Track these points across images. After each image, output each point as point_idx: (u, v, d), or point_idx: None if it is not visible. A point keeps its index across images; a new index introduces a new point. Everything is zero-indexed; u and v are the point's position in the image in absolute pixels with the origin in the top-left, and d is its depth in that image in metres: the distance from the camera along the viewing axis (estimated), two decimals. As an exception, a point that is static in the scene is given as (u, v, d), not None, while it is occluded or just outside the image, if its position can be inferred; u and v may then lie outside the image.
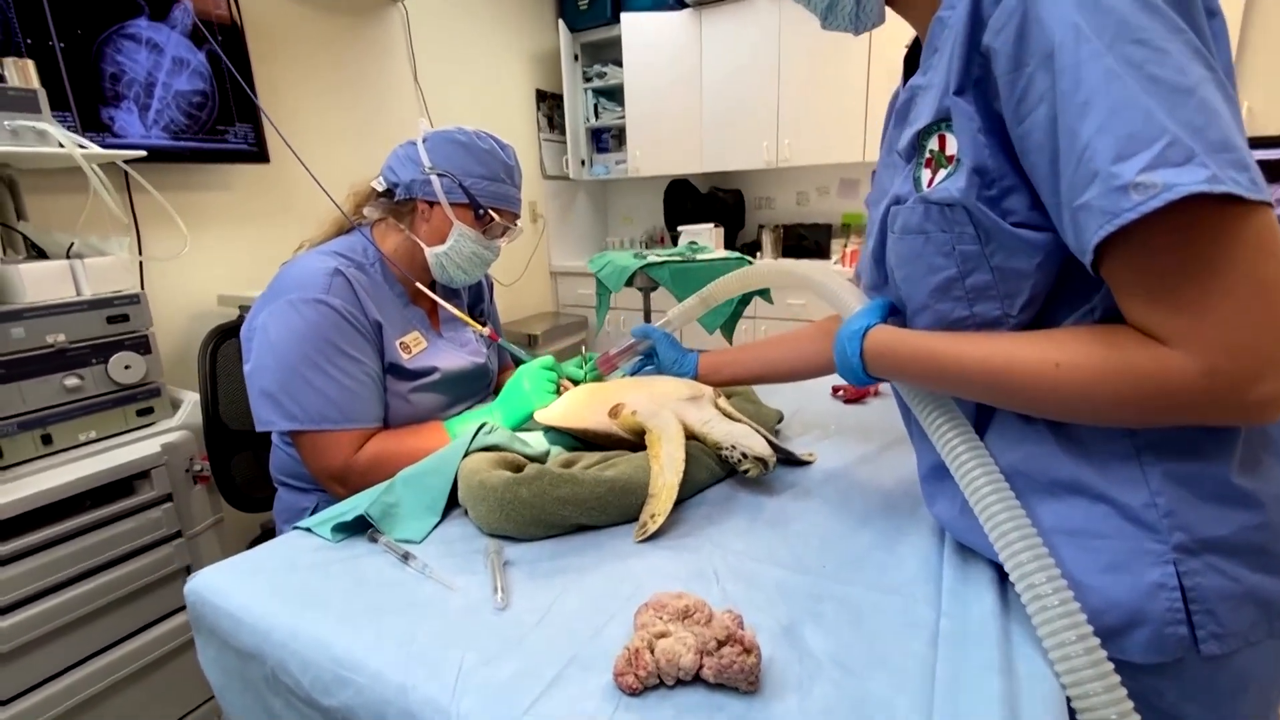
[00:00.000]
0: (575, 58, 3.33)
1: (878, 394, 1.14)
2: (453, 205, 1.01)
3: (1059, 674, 0.46)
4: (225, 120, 1.85)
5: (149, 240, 1.73)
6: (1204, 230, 0.39)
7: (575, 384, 1.02)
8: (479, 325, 1.11)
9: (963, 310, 0.54)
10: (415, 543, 0.69)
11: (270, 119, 1.31)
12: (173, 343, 1.81)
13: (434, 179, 0.99)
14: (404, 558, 0.65)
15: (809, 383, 1.17)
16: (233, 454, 1.26)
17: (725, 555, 0.65)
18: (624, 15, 3.08)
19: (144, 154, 1.38)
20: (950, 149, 0.52)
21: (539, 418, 0.91)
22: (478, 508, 0.69)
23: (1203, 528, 0.47)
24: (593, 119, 3.45)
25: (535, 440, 0.88)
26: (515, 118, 3.22)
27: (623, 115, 3.28)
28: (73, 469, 1.15)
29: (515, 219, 1.08)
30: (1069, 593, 0.46)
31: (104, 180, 1.25)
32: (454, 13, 2.78)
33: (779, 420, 0.98)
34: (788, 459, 0.85)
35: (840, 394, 1.14)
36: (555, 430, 0.90)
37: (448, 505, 0.75)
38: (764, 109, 2.91)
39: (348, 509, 0.73)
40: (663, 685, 0.47)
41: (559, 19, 3.25)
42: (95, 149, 1.28)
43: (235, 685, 0.62)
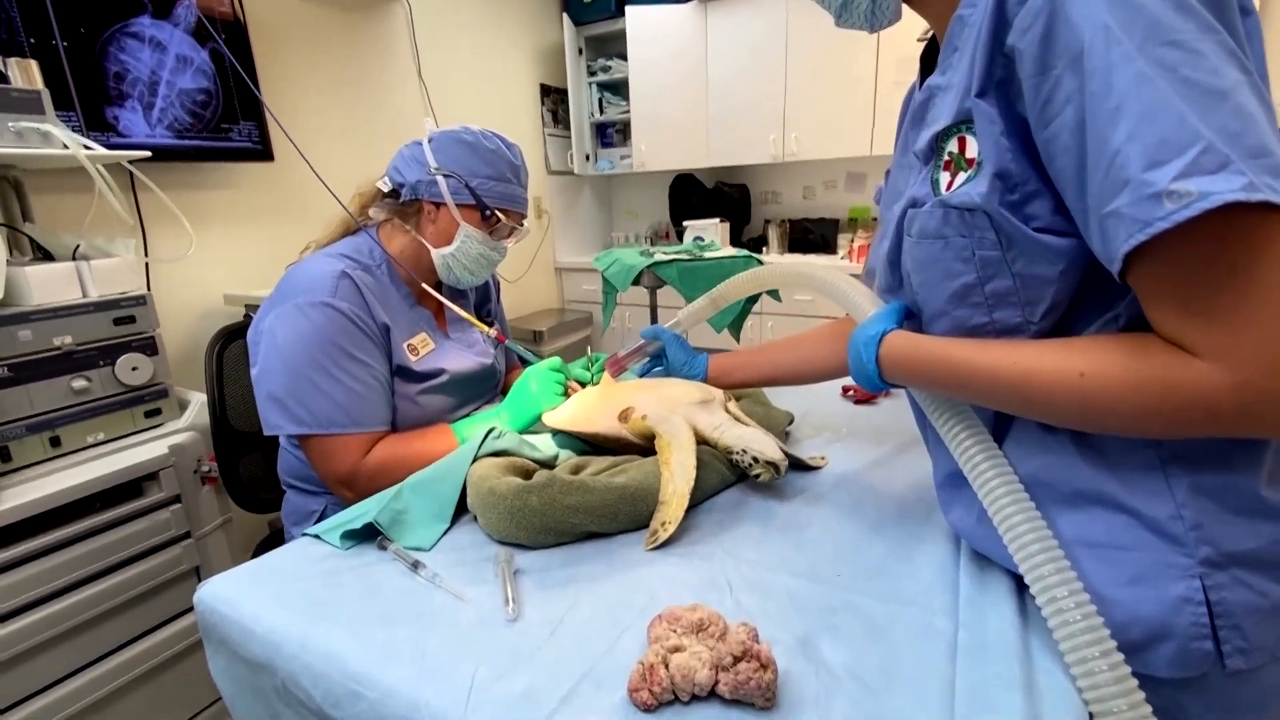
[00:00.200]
0: (580, 52, 3.30)
1: (889, 394, 1.13)
2: (459, 206, 1.00)
3: (1081, 690, 0.45)
4: (229, 118, 1.84)
5: (155, 240, 1.73)
6: (1239, 240, 0.38)
7: (583, 385, 1.01)
8: (485, 326, 1.10)
9: (982, 317, 0.53)
10: (425, 550, 0.69)
11: (275, 116, 1.30)
12: (179, 342, 1.81)
13: (440, 180, 0.98)
14: (413, 566, 0.65)
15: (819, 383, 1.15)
16: (240, 455, 1.26)
17: (738, 564, 0.64)
18: (629, 8, 3.05)
19: (149, 154, 1.37)
20: (970, 152, 0.50)
21: (547, 420, 0.91)
22: (487, 515, 0.68)
23: (1230, 541, 0.46)
24: (597, 113, 3.43)
25: (544, 444, 0.88)
26: (519, 113, 3.20)
27: (627, 110, 3.26)
28: (81, 471, 1.15)
29: (522, 219, 1.07)
30: (1092, 607, 0.45)
31: (109, 181, 1.24)
32: (457, 7, 2.76)
33: (789, 422, 0.97)
34: (798, 464, 0.84)
35: (851, 394, 1.13)
36: (564, 434, 0.89)
37: (457, 510, 0.75)
38: (770, 102, 2.88)
39: (356, 516, 0.72)
40: (677, 701, 0.47)
41: (563, 13, 3.23)
42: (99, 150, 1.27)
43: (246, 695, 0.61)
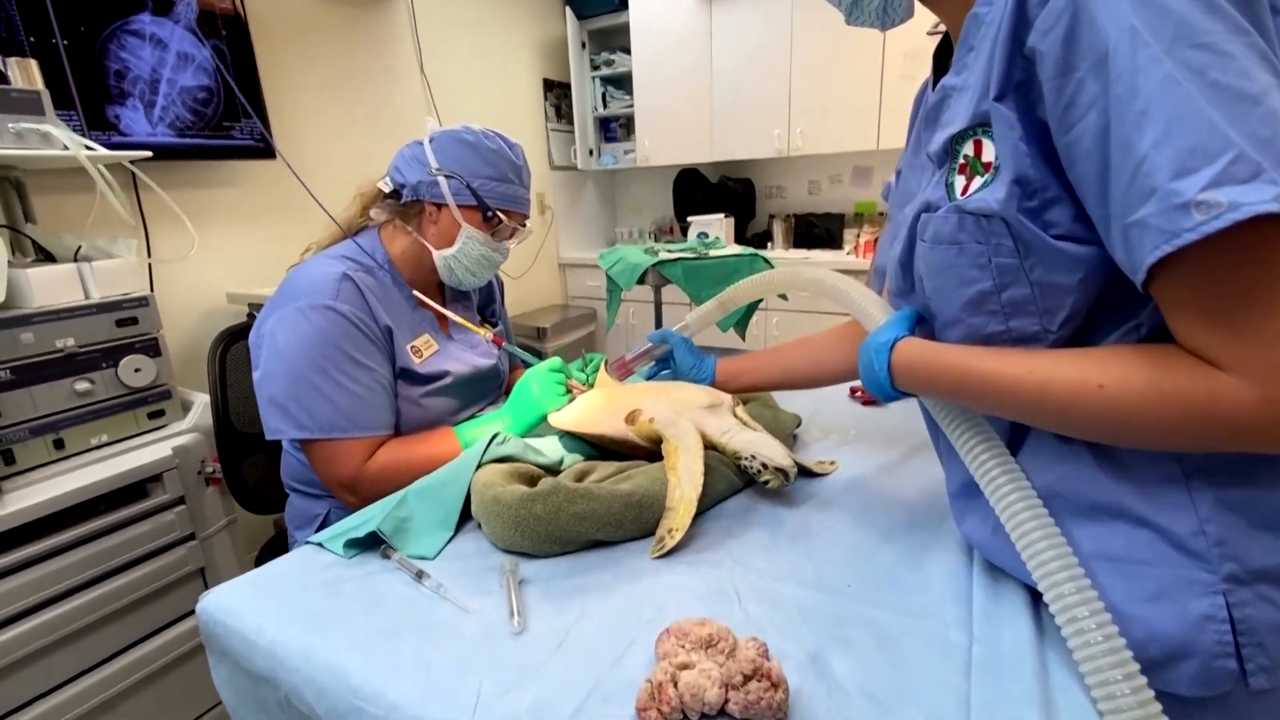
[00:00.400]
0: (583, 45, 3.27)
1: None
2: (460, 207, 0.99)
3: (1102, 713, 0.44)
4: (231, 116, 1.83)
5: (158, 238, 1.72)
6: (1270, 251, 0.36)
7: (583, 385, 1.00)
8: (483, 330, 1.09)
9: (998, 325, 0.51)
10: (428, 559, 0.68)
11: (268, 130, 1.29)
12: (183, 341, 1.81)
13: (441, 180, 0.97)
14: (417, 576, 0.64)
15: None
16: (244, 456, 1.26)
17: (746, 574, 0.63)
18: (632, 1, 3.02)
19: (149, 154, 1.36)
20: (987, 155, 0.49)
21: (553, 421, 0.90)
22: (492, 524, 0.67)
23: (1256, 557, 0.45)
24: (601, 108, 3.41)
25: (549, 447, 0.87)
26: (522, 108, 3.18)
27: (631, 104, 3.23)
28: (85, 473, 1.15)
29: (524, 220, 1.06)
30: (1114, 628, 0.44)
31: (110, 181, 1.23)
32: (459, 2, 2.74)
33: (797, 425, 0.96)
34: (807, 472, 0.83)
35: (858, 396, 1.11)
36: (570, 436, 0.88)
37: (462, 517, 0.74)
38: (775, 96, 2.85)
39: (360, 523, 0.71)
40: (686, 720, 0.46)
41: (566, 6, 3.20)
42: (100, 150, 1.26)
43: (249, 706, 0.61)
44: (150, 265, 1.70)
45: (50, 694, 1.09)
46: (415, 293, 1.03)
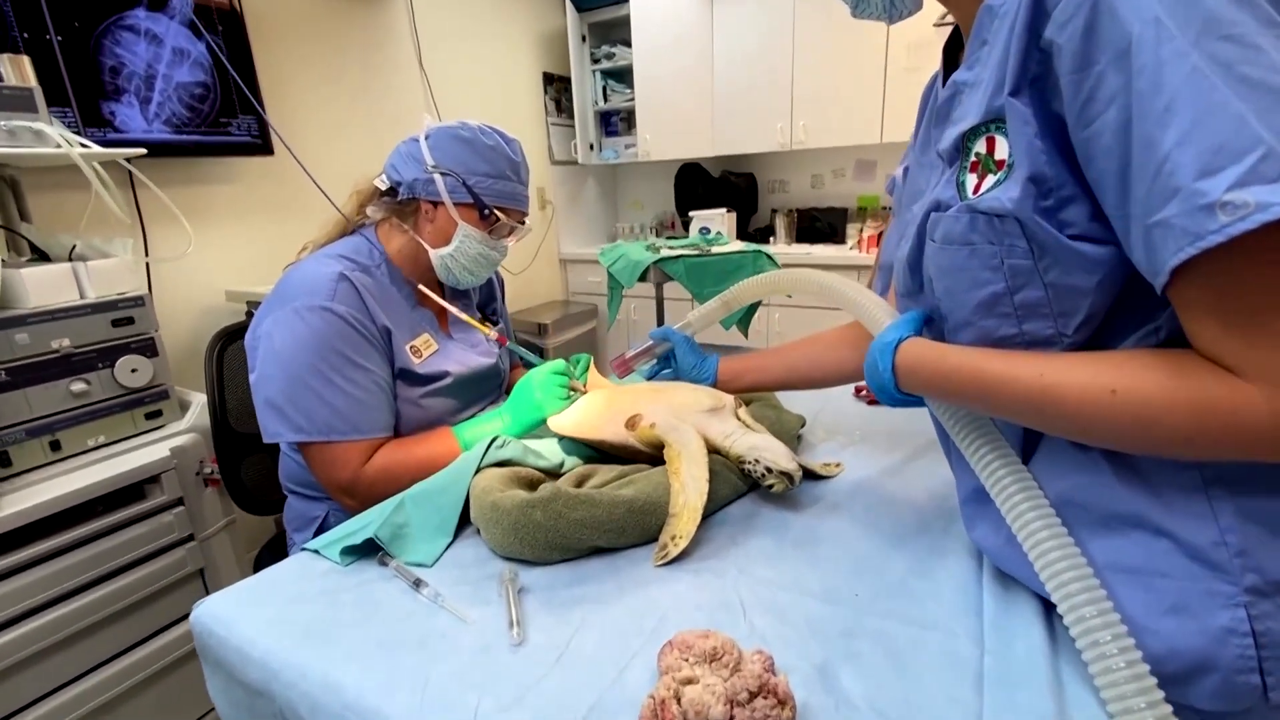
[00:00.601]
0: (583, 38, 3.24)
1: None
2: (457, 205, 0.97)
3: (1121, 730, 0.42)
4: (228, 112, 1.81)
5: (155, 236, 1.71)
6: None
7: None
8: (486, 328, 1.07)
9: (1010, 328, 0.50)
10: (426, 566, 0.67)
11: (263, 118, 1.27)
12: (182, 339, 1.79)
13: (437, 178, 0.95)
14: (415, 584, 0.63)
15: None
16: (242, 457, 1.25)
17: (751, 582, 0.61)
18: (632, -7, 2.99)
19: (144, 151, 1.35)
20: (1000, 153, 0.47)
21: (552, 425, 0.88)
22: (491, 531, 0.66)
23: (1278, 568, 0.43)
24: (601, 102, 3.38)
25: (549, 450, 0.86)
26: (522, 102, 3.16)
27: (632, 97, 3.20)
28: (83, 475, 1.14)
29: (523, 218, 1.04)
30: (1136, 652, 0.42)
31: (105, 179, 1.22)
32: (458, -6, 2.71)
33: (801, 426, 0.94)
34: (812, 475, 0.82)
35: (863, 395, 1.10)
36: (569, 439, 0.87)
37: (461, 522, 0.73)
38: (778, 89, 2.82)
39: (357, 529, 0.70)
40: (690, 737, 0.45)
41: (566, -2, 3.17)
42: (95, 148, 1.25)
43: (244, 718, 0.60)
44: (148, 264, 1.68)
45: (49, 697, 1.08)
46: (421, 286, 1.01)
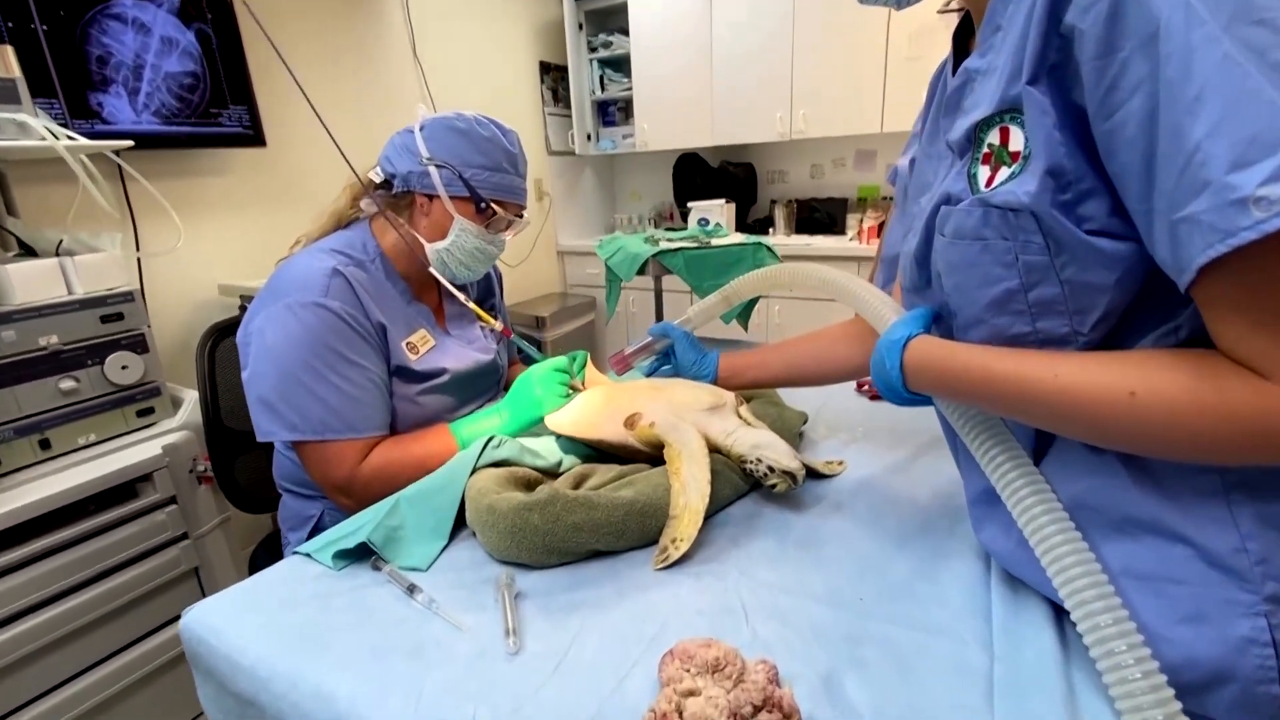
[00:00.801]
0: (580, 27, 3.20)
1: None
2: (453, 198, 0.95)
3: (1136, 743, 0.41)
4: (218, 102, 1.78)
5: (146, 230, 1.68)
6: None
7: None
8: (489, 318, 1.04)
9: (1024, 326, 0.48)
10: (421, 570, 0.65)
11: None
12: (175, 334, 1.77)
13: (432, 170, 0.93)
14: (409, 590, 0.61)
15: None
16: (236, 455, 1.23)
17: (754, 586, 0.60)
18: (630, -19, 2.95)
19: (130, 143, 1.32)
20: (1014, 144, 0.45)
21: (550, 424, 0.87)
22: (487, 534, 0.65)
23: (1300, 577, 0.42)
24: (599, 91, 3.34)
25: (547, 448, 0.84)
26: (518, 91, 3.12)
27: (630, 87, 3.16)
28: (73, 474, 1.12)
29: (521, 210, 1.02)
30: (1153, 663, 0.41)
31: (93, 172, 1.19)
32: (452, -18, 2.67)
33: (803, 423, 0.93)
34: (815, 473, 0.80)
35: (866, 390, 1.08)
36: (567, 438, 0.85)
37: (457, 523, 0.71)
38: (777, 79, 2.78)
39: (350, 532, 0.68)
40: (692, 751, 0.43)
41: (562, -14, 3.12)
42: (81, 140, 1.22)
43: (236, 727, 0.58)
44: (139, 258, 1.65)
45: (43, 698, 1.07)
46: (432, 270, 0.98)
